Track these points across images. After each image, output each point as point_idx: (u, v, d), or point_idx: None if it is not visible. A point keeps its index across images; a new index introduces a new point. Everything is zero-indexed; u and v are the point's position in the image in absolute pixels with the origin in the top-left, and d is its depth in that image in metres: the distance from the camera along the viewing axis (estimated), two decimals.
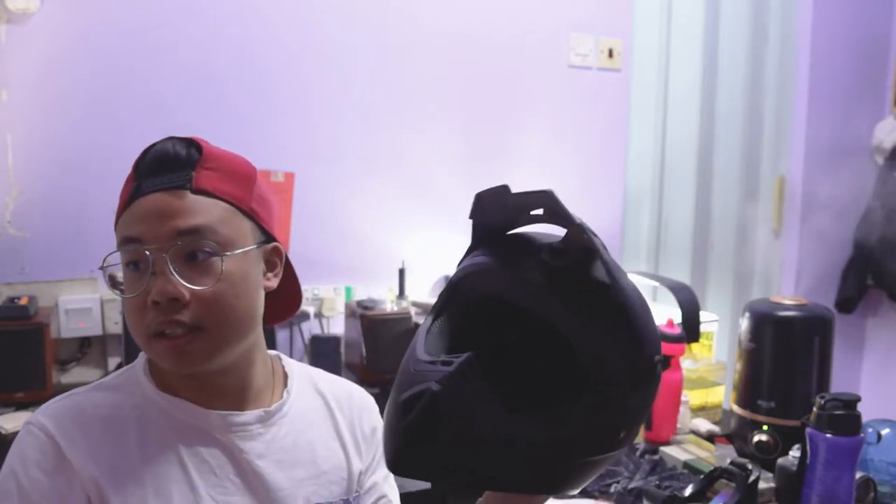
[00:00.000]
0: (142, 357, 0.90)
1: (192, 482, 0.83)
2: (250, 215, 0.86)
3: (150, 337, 0.80)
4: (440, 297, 0.72)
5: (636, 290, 0.67)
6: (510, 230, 0.70)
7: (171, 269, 0.79)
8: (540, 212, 0.67)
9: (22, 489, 0.78)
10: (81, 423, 0.82)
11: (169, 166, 0.82)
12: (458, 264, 0.72)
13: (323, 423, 0.96)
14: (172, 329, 0.79)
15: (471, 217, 0.70)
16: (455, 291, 0.71)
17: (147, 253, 0.80)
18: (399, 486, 1.03)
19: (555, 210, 0.64)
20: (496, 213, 0.69)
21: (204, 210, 0.81)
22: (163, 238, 0.79)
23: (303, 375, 0.98)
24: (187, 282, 0.79)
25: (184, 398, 0.86)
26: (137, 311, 0.80)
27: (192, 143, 0.85)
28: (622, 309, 0.62)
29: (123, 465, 0.81)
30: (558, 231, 0.66)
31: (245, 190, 0.86)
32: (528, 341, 0.71)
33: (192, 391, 0.86)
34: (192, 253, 0.80)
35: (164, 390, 0.86)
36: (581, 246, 0.63)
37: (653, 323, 0.67)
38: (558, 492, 0.67)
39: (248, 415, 0.88)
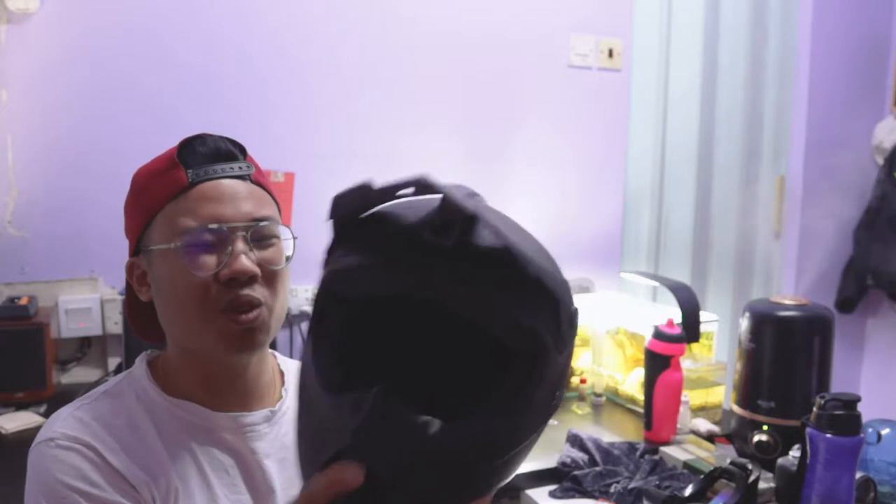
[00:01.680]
0: (141, 363, 0.90)
1: (209, 481, 0.84)
2: (280, 212, 0.92)
3: (218, 314, 0.81)
4: (314, 308, 0.62)
5: (533, 241, 0.61)
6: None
7: (251, 248, 0.83)
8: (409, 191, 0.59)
9: (92, 497, 0.76)
10: (110, 430, 0.82)
11: (227, 157, 0.86)
12: (324, 265, 0.62)
13: None
14: (241, 306, 0.81)
15: (330, 218, 0.62)
16: (328, 298, 0.61)
17: (225, 233, 0.82)
18: None
19: (426, 186, 0.57)
20: (358, 209, 0.60)
21: (266, 200, 0.87)
22: (238, 219, 0.83)
23: (297, 372, 0.99)
24: (259, 260, 0.83)
25: (190, 401, 0.86)
26: (204, 288, 0.81)
27: (232, 141, 0.88)
28: (525, 270, 0.55)
29: (157, 467, 0.81)
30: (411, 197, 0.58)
31: (272, 188, 0.92)
32: (432, 335, 0.63)
33: (199, 394, 0.87)
34: (262, 235, 0.85)
35: (169, 394, 0.86)
36: (461, 216, 0.54)
37: (559, 273, 0.60)
38: (507, 479, 0.60)
39: (256, 415, 0.89)
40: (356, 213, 0.60)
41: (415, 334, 0.64)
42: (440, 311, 0.55)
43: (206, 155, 0.85)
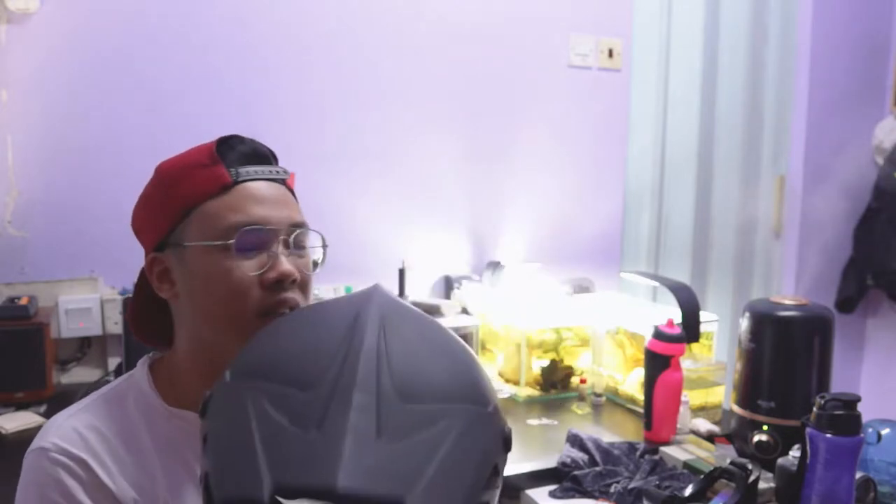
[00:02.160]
0: (142, 367, 0.89)
1: None
2: None
3: (258, 315, 0.81)
4: None
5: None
6: None
7: (292, 252, 0.85)
8: None
9: None
10: (104, 443, 0.81)
11: (266, 160, 0.88)
12: None
13: None
14: (281, 308, 0.82)
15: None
16: None
17: (271, 236, 0.83)
18: None
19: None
20: None
21: (297, 205, 0.89)
22: (283, 223, 0.84)
23: None
24: (295, 265, 0.84)
25: (192, 410, 0.84)
26: (248, 288, 0.81)
27: (266, 147, 0.90)
28: None
29: (149, 481, 0.80)
30: None
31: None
32: None
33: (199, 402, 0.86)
34: (300, 241, 0.87)
35: (169, 402, 0.85)
36: None
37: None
38: None
39: None
40: None
41: None
42: None
43: (247, 154, 0.86)
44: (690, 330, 1.72)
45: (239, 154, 0.85)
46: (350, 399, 0.54)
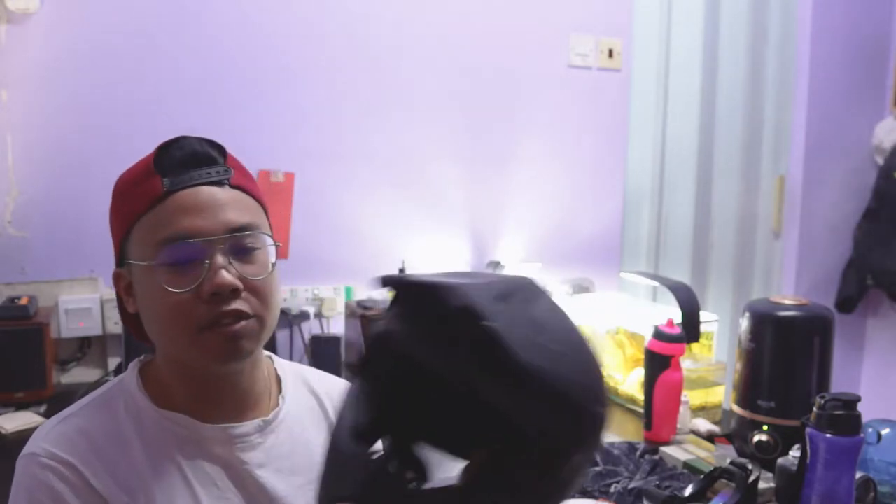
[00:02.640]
0: (132, 370, 0.88)
1: (196, 495, 0.82)
2: (266, 213, 0.88)
3: (200, 330, 0.79)
4: (364, 353, 0.71)
5: (564, 345, 0.65)
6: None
7: (231, 261, 0.80)
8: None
9: None
10: (93, 447, 0.80)
11: (203, 162, 0.82)
12: (381, 318, 0.72)
13: (318, 424, 0.95)
14: (226, 319, 0.80)
15: (393, 285, 0.69)
16: (375, 351, 0.70)
17: (203, 247, 0.79)
18: None
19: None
20: (417, 282, 0.67)
21: (246, 205, 0.84)
22: (217, 231, 0.80)
23: (295, 376, 0.97)
24: (241, 273, 0.81)
25: (181, 412, 0.84)
26: (185, 305, 0.79)
27: (212, 143, 0.85)
28: (536, 379, 0.60)
29: (138, 485, 0.80)
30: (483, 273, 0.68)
31: (257, 189, 0.88)
32: (453, 407, 0.70)
33: (190, 404, 0.85)
34: (242, 246, 0.82)
35: (159, 405, 0.85)
36: (480, 328, 0.60)
37: (586, 376, 0.64)
38: None
39: (247, 426, 0.87)
40: (415, 284, 0.66)
41: (446, 397, 0.70)
42: (462, 389, 0.62)
43: (182, 160, 0.81)
44: (690, 330, 1.72)
45: (175, 160, 0.81)
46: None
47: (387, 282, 0.67)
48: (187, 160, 0.82)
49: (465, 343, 0.60)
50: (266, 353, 0.96)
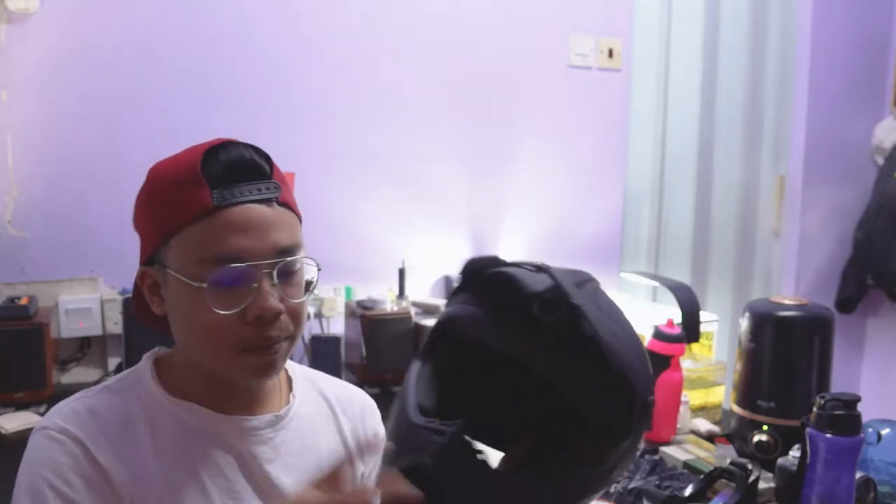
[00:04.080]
0: (146, 361, 0.89)
1: (205, 487, 0.83)
2: (301, 224, 0.87)
3: (240, 351, 0.79)
4: (429, 338, 0.74)
5: (627, 333, 0.69)
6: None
7: (276, 284, 0.79)
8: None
9: (63, 496, 0.76)
10: (101, 426, 0.81)
11: (252, 174, 0.80)
12: (447, 304, 0.74)
13: (327, 426, 0.96)
14: (265, 342, 0.80)
15: (461, 273, 0.73)
16: (443, 335, 0.73)
17: (252, 269, 0.78)
18: None
19: (545, 270, 0.68)
20: (485, 267, 0.71)
21: (291, 225, 0.82)
22: (266, 253, 0.78)
23: (305, 378, 0.98)
24: (282, 295, 0.80)
25: (194, 402, 0.85)
26: (228, 325, 0.78)
27: (259, 151, 0.82)
28: (608, 363, 0.63)
29: (142, 471, 0.80)
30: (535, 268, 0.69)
31: (294, 200, 0.87)
32: (519, 390, 0.73)
33: (205, 396, 0.85)
34: (288, 269, 0.80)
35: (173, 395, 0.85)
36: (565, 303, 0.64)
37: (644, 365, 0.68)
38: None
39: (260, 419, 0.88)
40: (483, 268, 0.70)
41: (504, 382, 0.73)
42: (529, 372, 0.65)
43: (231, 170, 0.79)
44: (690, 330, 1.72)
45: (224, 169, 0.79)
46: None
47: (466, 270, 0.71)
48: (236, 171, 0.79)
49: (546, 323, 0.63)
50: None
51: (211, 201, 0.77)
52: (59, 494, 0.76)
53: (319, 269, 0.85)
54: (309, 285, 0.85)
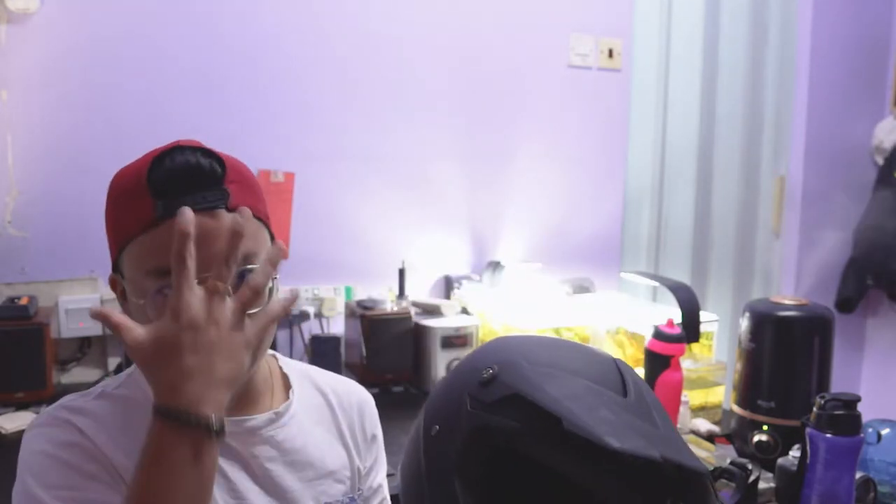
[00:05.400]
0: None
1: None
2: (267, 225, 0.85)
3: None
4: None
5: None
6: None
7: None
8: None
9: (66, 463, 0.76)
10: (100, 423, 0.81)
11: (199, 183, 0.77)
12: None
13: (326, 421, 0.96)
14: None
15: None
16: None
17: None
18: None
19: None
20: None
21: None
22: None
23: (302, 374, 0.98)
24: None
25: None
26: None
27: (211, 155, 0.79)
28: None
29: None
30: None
31: (260, 199, 0.84)
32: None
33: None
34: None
35: None
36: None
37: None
38: None
39: (258, 419, 0.87)
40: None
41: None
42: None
43: (176, 178, 0.76)
44: (690, 330, 1.72)
45: (167, 178, 0.76)
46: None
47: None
48: (181, 179, 0.77)
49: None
50: (270, 352, 0.95)
51: (152, 213, 0.77)
52: (63, 463, 0.76)
53: (275, 278, 0.78)
54: (271, 293, 0.78)
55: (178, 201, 0.74)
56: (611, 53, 2.53)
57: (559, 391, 0.66)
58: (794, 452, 1.27)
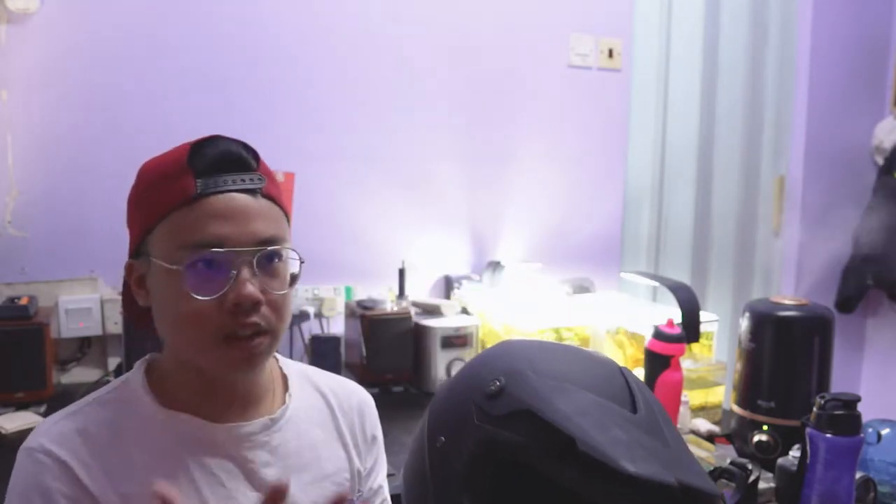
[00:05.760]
0: (138, 370, 0.88)
1: (203, 496, 0.82)
2: (289, 222, 0.87)
3: (219, 340, 0.79)
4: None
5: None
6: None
7: (256, 273, 0.79)
8: None
9: None
10: (89, 445, 0.80)
11: (237, 166, 0.81)
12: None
13: (324, 423, 0.95)
14: (245, 331, 0.80)
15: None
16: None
17: (232, 257, 0.78)
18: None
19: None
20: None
21: (274, 217, 0.83)
22: (247, 241, 0.79)
23: (301, 375, 0.98)
24: (264, 286, 0.80)
25: (187, 412, 0.84)
26: (206, 312, 0.79)
27: (246, 146, 0.84)
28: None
29: (136, 488, 0.80)
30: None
31: (283, 198, 0.87)
32: None
33: (197, 403, 0.85)
34: (268, 259, 0.81)
35: (165, 406, 0.85)
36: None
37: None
38: None
39: (254, 424, 0.87)
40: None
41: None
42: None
43: (217, 161, 0.80)
44: (690, 330, 1.72)
45: (210, 161, 0.80)
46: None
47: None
48: (221, 162, 0.81)
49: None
50: None
51: (194, 189, 0.79)
52: None
53: (302, 263, 0.85)
54: (294, 279, 0.85)
55: (220, 179, 0.79)
56: (611, 53, 2.54)
57: (568, 406, 0.65)
58: (794, 452, 1.27)
